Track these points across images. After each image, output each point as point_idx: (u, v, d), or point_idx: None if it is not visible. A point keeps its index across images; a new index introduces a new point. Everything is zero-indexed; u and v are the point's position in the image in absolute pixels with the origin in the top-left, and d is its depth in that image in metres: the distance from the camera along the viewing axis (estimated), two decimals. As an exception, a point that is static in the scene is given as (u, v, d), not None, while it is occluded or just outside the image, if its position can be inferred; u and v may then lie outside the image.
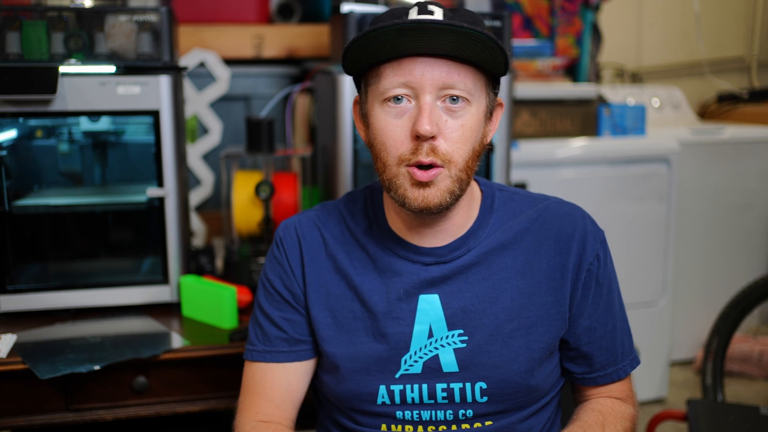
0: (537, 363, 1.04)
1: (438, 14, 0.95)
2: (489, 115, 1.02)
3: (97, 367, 1.31)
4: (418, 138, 0.94)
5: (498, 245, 1.06)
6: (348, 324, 1.07)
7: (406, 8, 0.98)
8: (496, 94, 1.03)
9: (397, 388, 1.04)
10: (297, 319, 1.10)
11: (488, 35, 0.90)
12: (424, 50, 0.93)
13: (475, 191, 1.10)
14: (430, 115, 0.94)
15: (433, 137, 0.94)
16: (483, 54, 0.93)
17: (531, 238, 1.07)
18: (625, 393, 1.12)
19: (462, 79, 0.95)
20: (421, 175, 0.95)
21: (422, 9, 0.96)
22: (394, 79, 0.95)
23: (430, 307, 1.04)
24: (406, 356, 1.04)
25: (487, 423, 1.04)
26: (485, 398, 1.03)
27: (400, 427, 1.06)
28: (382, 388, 1.04)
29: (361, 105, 1.04)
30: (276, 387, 1.10)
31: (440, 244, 1.06)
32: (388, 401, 1.05)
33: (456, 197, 0.99)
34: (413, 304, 1.05)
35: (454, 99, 0.95)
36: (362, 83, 1.03)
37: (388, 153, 0.97)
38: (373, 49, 0.95)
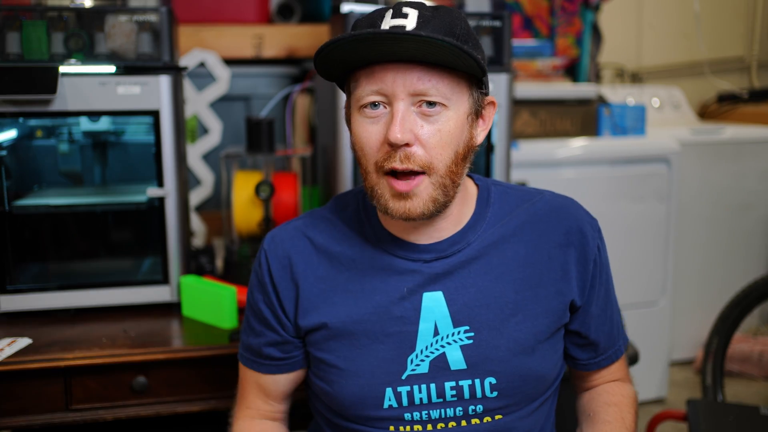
0: (543, 354, 1.05)
1: (412, 17, 0.93)
2: (476, 115, 1.00)
3: None
4: (391, 145, 0.93)
5: (498, 239, 1.06)
6: (349, 330, 1.04)
7: (383, 11, 0.96)
8: (484, 93, 1.00)
9: (404, 390, 1.02)
10: (285, 340, 1.09)
11: (449, 42, 0.87)
12: (391, 57, 0.92)
13: (469, 187, 1.09)
14: (401, 123, 0.92)
15: (407, 144, 0.93)
16: (452, 59, 0.91)
17: (530, 230, 1.07)
18: (623, 372, 1.17)
19: (435, 85, 0.92)
20: (400, 185, 0.94)
21: (396, 12, 0.94)
22: (367, 86, 0.94)
23: (434, 304, 1.03)
24: (412, 356, 1.02)
25: (497, 417, 1.04)
26: (495, 393, 1.02)
27: (408, 427, 1.04)
28: (389, 391, 1.02)
29: (346, 110, 1.03)
30: (269, 388, 1.13)
31: (438, 240, 1.05)
32: (395, 404, 1.02)
33: (440, 204, 0.97)
34: (417, 302, 1.03)
35: (430, 104, 0.93)
36: (346, 88, 1.02)
37: (366, 159, 0.97)
38: (341, 58, 0.94)
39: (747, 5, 3.65)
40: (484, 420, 1.04)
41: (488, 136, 1.67)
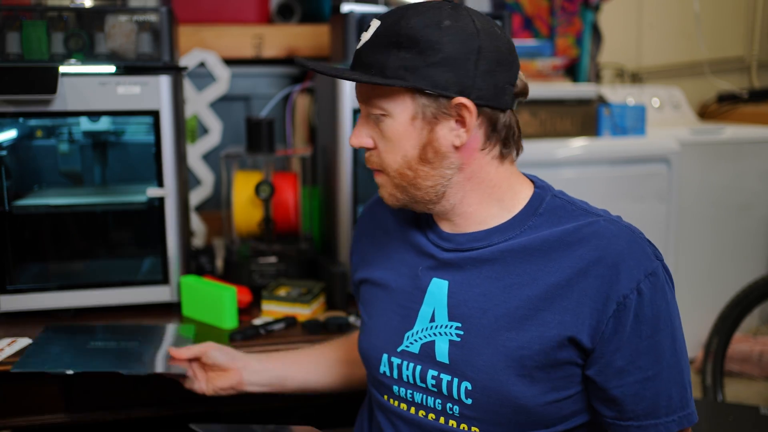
0: (529, 381, 0.98)
1: (371, 29, 1.01)
2: (434, 118, 0.98)
3: (69, 372, 1.26)
4: None
5: (523, 249, 1.02)
6: (379, 291, 1.14)
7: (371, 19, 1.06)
8: (448, 97, 0.97)
9: (395, 361, 1.08)
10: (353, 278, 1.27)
11: (359, 80, 0.98)
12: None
13: (519, 190, 1.06)
14: (357, 130, 1.05)
15: (368, 148, 1.05)
16: (377, 85, 1.00)
17: (562, 251, 1.00)
18: None
19: (370, 100, 1.02)
20: (374, 175, 1.08)
21: (368, 24, 1.03)
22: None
23: (438, 291, 1.06)
24: (409, 333, 1.07)
25: (474, 429, 1.02)
26: (470, 400, 1.01)
27: (396, 402, 1.09)
28: (385, 357, 1.09)
29: None
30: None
31: (459, 232, 1.07)
32: (387, 372, 1.09)
33: (403, 201, 1.06)
34: (425, 285, 1.07)
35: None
36: None
37: None
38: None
39: (747, 5, 3.65)
40: (461, 427, 1.02)
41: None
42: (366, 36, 1.02)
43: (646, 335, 0.96)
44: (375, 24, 1.01)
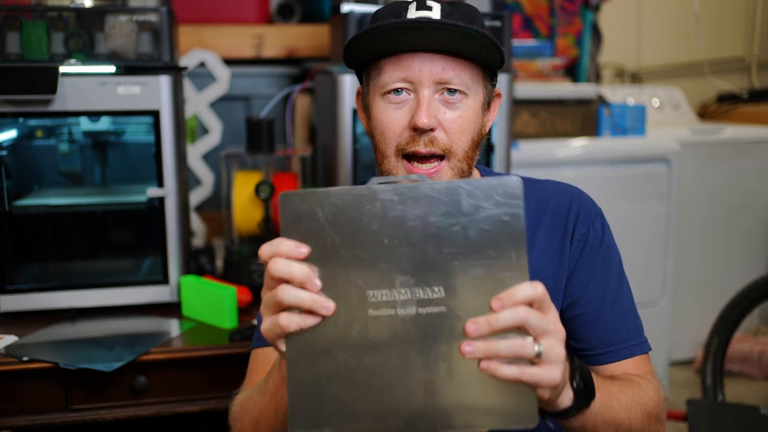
0: None
1: (436, 9, 0.98)
2: (487, 105, 1.05)
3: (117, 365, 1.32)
4: (416, 130, 0.98)
5: None
6: None
7: (406, 3, 1.00)
8: (494, 85, 1.06)
9: None
10: None
11: (483, 33, 0.94)
12: (421, 47, 0.97)
13: (476, 174, 1.12)
14: (428, 109, 0.97)
15: (431, 129, 0.98)
16: (479, 50, 0.97)
17: (529, 216, 1.07)
18: (641, 370, 1.06)
19: (458, 74, 0.98)
20: (420, 170, 1.00)
21: (420, 4, 0.99)
22: (393, 74, 0.99)
23: None
24: None
25: None
26: None
27: None
28: None
29: (363, 96, 1.08)
30: (266, 367, 1.09)
31: None
32: None
33: None
34: None
35: (451, 92, 0.99)
36: (364, 76, 1.07)
37: (386, 143, 1.01)
38: (373, 46, 0.99)
39: (747, 5, 3.65)
40: None
41: (488, 136, 1.67)
42: (434, 14, 0.98)
43: (598, 265, 1.07)
44: (435, 5, 0.99)
